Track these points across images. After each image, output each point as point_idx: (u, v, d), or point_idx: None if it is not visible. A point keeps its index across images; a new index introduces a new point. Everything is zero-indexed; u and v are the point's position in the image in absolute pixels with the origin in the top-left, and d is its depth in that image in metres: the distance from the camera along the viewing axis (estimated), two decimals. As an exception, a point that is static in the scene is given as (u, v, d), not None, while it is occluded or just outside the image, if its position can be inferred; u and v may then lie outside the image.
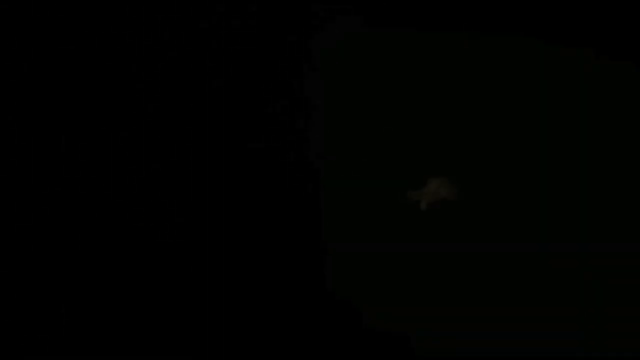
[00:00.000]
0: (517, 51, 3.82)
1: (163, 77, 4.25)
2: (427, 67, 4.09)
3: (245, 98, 4.24)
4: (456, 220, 3.72)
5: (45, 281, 3.73)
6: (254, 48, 4.19)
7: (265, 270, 3.91)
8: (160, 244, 4.14)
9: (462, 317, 3.43)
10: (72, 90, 4.05)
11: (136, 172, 4.23)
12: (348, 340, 3.55)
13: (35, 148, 3.85)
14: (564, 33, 3.77)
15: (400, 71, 4.10)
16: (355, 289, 3.57)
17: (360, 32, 3.92)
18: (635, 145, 3.53)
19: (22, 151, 3.79)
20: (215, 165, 4.30)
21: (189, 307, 3.89)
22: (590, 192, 3.59)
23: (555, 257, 3.51)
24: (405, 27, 4.10)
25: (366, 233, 3.73)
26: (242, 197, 4.30)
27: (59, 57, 3.98)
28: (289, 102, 4.20)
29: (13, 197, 3.73)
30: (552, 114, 3.69)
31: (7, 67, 3.76)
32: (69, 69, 4.02)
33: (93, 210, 4.06)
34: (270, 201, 4.27)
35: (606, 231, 3.46)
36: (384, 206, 3.85)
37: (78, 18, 4.03)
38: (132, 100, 4.23)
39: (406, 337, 3.44)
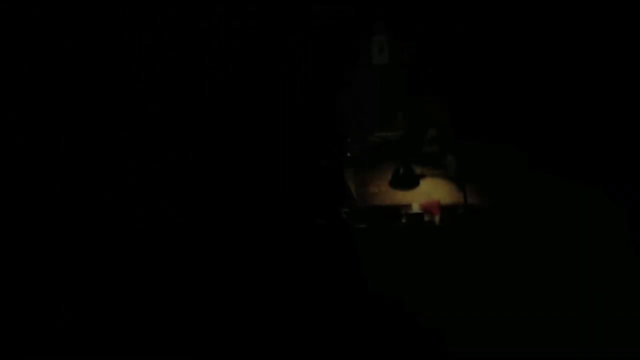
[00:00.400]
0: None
1: (163, 77, 4.25)
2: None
3: (245, 98, 4.24)
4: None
5: (45, 281, 3.74)
6: (254, 48, 4.19)
7: (264, 270, 3.91)
8: (160, 244, 4.15)
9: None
10: (72, 90, 4.05)
11: (136, 172, 4.23)
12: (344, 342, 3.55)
13: (35, 148, 3.85)
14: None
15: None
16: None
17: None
18: None
19: (22, 151, 3.79)
20: (215, 165, 4.30)
21: (189, 307, 3.89)
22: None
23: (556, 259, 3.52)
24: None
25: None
26: (241, 198, 4.30)
27: (59, 57, 3.98)
28: (289, 102, 4.19)
29: (13, 197, 3.73)
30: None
31: (7, 67, 3.76)
32: (69, 69, 4.02)
33: (93, 210, 4.06)
34: (268, 201, 4.27)
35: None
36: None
37: (78, 18, 4.03)
38: (132, 100, 4.23)
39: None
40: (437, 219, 3.74)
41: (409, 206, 3.89)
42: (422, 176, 3.87)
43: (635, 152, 3.60)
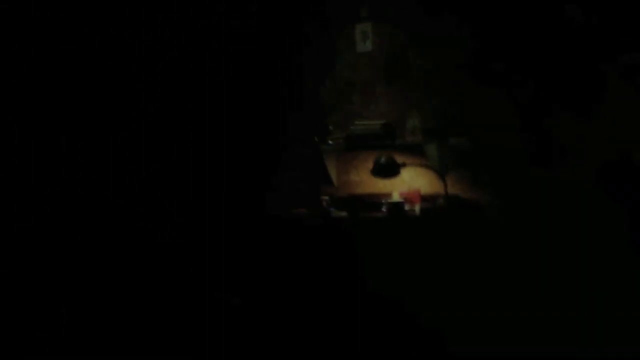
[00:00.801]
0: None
1: (163, 77, 4.25)
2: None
3: (245, 98, 4.24)
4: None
5: (45, 281, 3.73)
6: (254, 48, 4.19)
7: (262, 270, 3.91)
8: (160, 244, 4.15)
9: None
10: (72, 90, 4.05)
11: (136, 172, 4.23)
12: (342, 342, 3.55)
13: (35, 148, 3.85)
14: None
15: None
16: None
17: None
18: None
19: (22, 151, 3.79)
20: (215, 165, 4.31)
21: (189, 307, 3.89)
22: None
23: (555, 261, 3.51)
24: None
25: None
26: (241, 198, 4.30)
27: (59, 57, 3.97)
28: (289, 102, 4.20)
29: (13, 197, 3.73)
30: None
31: (7, 67, 3.76)
32: (69, 69, 4.02)
33: (93, 210, 4.06)
34: (266, 199, 4.27)
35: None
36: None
37: (78, 18, 4.03)
38: (132, 100, 4.23)
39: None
40: (417, 208, 3.73)
41: (389, 195, 3.89)
42: (403, 165, 3.86)
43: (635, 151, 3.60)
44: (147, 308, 3.83)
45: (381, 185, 4.02)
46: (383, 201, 3.83)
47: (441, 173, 3.78)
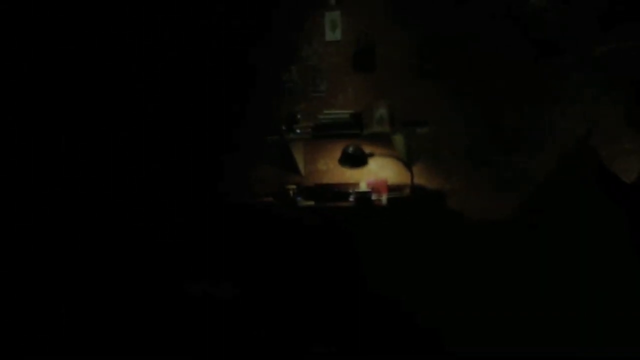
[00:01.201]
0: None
1: (163, 77, 4.26)
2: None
3: (245, 98, 4.24)
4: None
5: (45, 281, 3.74)
6: (254, 48, 4.19)
7: (262, 270, 3.92)
8: (160, 244, 4.15)
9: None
10: (72, 90, 4.05)
11: (136, 172, 4.24)
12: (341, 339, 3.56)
13: (35, 148, 3.85)
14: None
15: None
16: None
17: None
18: None
19: (22, 151, 3.80)
20: (216, 165, 4.31)
21: (188, 307, 3.89)
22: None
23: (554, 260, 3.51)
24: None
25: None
26: (242, 197, 4.30)
27: (59, 57, 3.98)
28: (289, 102, 4.20)
29: (13, 197, 3.74)
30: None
31: (7, 67, 3.77)
32: (69, 69, 4.03)
33: (93, 210, 4.07)
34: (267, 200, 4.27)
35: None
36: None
37: (78, 18, 4.04)
38: (132, 100, 4.24)
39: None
40: (384, 198, 3.73)
41: (357, 185, 3.89)
42: (371, 155, 3.85)
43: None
44: (147, 308, 3.84)
45: (348, 175, 4.02)
46: (350, 191, 3.83)
47: (408, 163, 3.79)
